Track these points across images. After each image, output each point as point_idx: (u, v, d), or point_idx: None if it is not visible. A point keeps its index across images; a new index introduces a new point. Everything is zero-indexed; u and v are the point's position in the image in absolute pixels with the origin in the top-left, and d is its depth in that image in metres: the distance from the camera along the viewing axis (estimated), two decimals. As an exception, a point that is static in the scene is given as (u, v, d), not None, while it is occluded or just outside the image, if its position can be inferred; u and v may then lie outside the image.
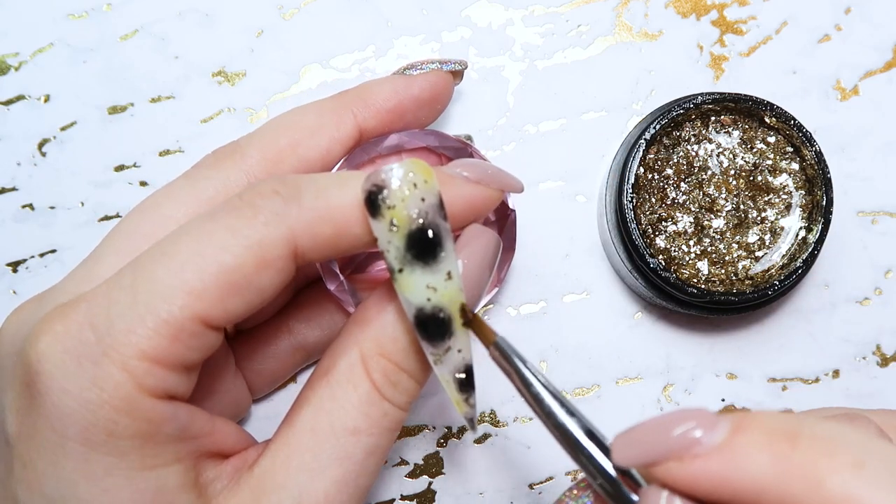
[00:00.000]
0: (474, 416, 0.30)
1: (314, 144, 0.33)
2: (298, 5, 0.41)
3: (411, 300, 0.27)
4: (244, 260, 0.26)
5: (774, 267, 0.37)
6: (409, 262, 0.27)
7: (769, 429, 0.23)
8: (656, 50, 0.41)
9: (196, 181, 0.31)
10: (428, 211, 0.27)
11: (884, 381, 0.41)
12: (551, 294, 0.41)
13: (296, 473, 0.28)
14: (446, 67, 0.36)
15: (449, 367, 0.28)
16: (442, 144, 0.36)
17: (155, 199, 0.31)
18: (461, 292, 0.28)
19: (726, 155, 0.37)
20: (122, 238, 0.31)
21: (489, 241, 0.30)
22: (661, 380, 0.40)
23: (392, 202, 0.27)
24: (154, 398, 0.26)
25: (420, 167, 0.27)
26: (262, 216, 0.27)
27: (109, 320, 0.26)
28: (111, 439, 0.26)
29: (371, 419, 0.29)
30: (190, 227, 0.27)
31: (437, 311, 0.27)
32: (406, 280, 0.27)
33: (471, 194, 0.29)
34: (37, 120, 0.41)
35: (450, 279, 0.27)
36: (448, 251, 0.27)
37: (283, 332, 0.37)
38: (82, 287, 0.29)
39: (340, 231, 0.28)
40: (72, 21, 0.41)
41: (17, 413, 0.27)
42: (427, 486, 0.40)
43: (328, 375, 0.29)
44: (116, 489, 0.27)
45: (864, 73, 0.41)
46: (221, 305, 0.26)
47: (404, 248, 0.27)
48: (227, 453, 0.30)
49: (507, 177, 0.31)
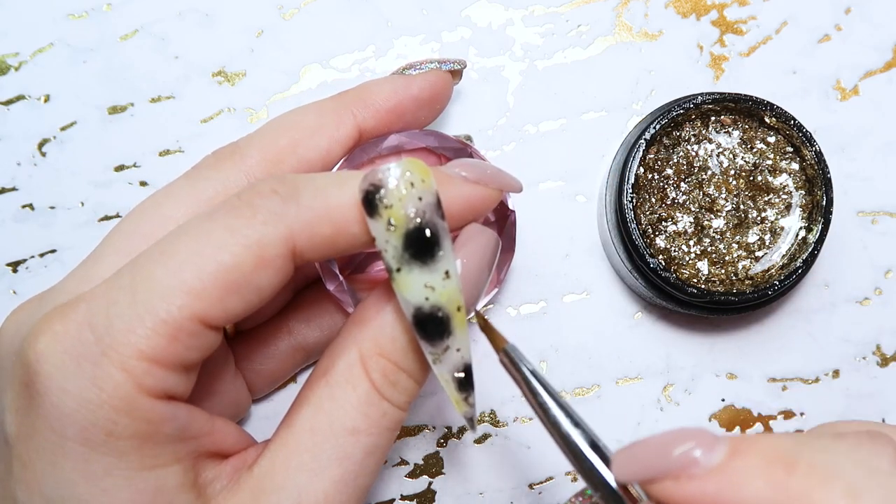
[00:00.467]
0: (474, 416, 0.30)
1: (314, 145, 0.33)
2: (298, 5, 0.41)
3: (409, 299, 0.27)
4: (243, 259, 0.26)
5: (774, 267, 0.37)
6: (407, 262, 0.27)
7: (767, 454, 0.23)
8: (656, 50, 0.41)
9: (196, 181, 0.31)
10: (425, 210, 0.27)
11: (884, 381, 0.41)
12: (551, 294, 0.41)
13: (295, 474, 0.28)
14: (445, 67, 0.36)
15: (448, 367, 0.28)
16: (441, 145, 0.36)
17: (155, 200, 0.31)
18: (459, 291, 0.28)
19: (726, 155, 0.37)
20: (121, 238, 0.31)
21: (488, 240, 0.30)
22: (661, 380, 0.40)
23: (389, 201, 0.27)
24: (153, 398, 0.26)
25: (417, 166, 0.27)
26: (260, 215, 0.27)
27: (108, 320, 0.26)
28: (110, 439, 0.26)
29: (370, 419, 0.29)
30: (188, 227, 0.27)
31: (435, 310, 0.27)
32: (404, 279, 0.27)
33: (469, 194, 0.29)
34: (37, 120, 0.41)
35: (448, 278, 0.27)
36: (446, 250, 0.27)
37: (283, 333, 0.37)
38: (82, 287, 0.29)
39: (339, 230, 0.28)
40: (72, 21, 0.41)
41: (16, 413, 0.27)
42: (427, 486, 0.40)
43: (327, 375, 0.29)
44: (116, 489, 0.27)
45: (864, 73, 0.41)
46: (220, 305, 0.26)
47: (402, 248, 0.27)
48: (226, 453, 0.30)
49: (505, 177, 0.31)
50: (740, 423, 0.40)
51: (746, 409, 0.40)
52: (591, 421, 0.40)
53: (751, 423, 0.40)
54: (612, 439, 0.40)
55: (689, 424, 0.40)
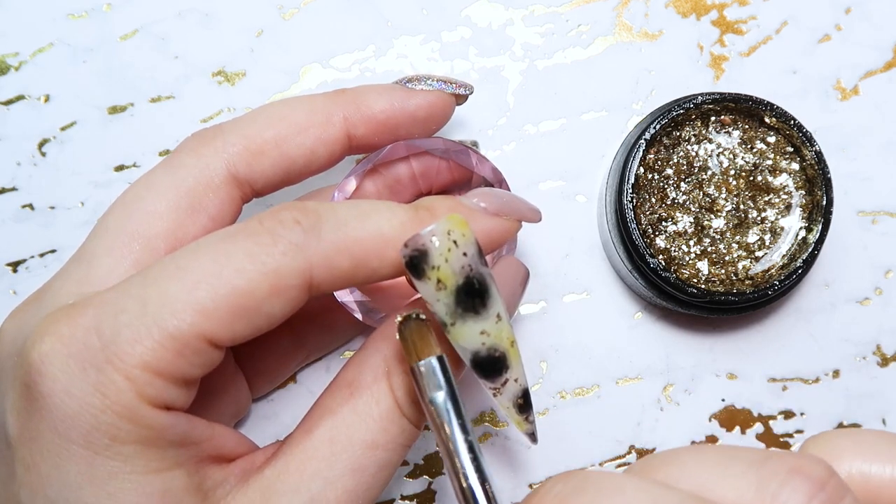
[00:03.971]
0: (535, 431, 0.31)
1: (299, 142, 0.32)
2: (298, 5, 0.41)
3: (466, 347, 0.28)
4: (258, 286, 0.26)
5: (774, 267, 0.37)
6: (461, 316, 0.27)
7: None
8: (656, 50, 0.41)
9: (175, 170, 0.31)
10: (471, 264, 0.27)
11: (884, 381, 0.41)
12: (551, 294, 0.41)
13: (310, 480, 0.28)
14: (450, 89, 0.35)
15: (508, 397, 0.29)
16: (446, 149, 0.35)
17: (136, 192, 0.31)
18: (511, 326, 0.28)
19: (726, 155, 0.37)
20: (110, 237, 0.30)
21: (519, 276, 0.32)
22: (661, 380, 0.40)
23: (436, 262, 0.27)
24: (153, 408, 0.26)
25: (457, 222, 0.27)
26: (281, 245, 0.27)
27: (116, 328, 0.26)
28: (114, 444, 0.26)
29: (389, 435, 0.29)
30: (207, 246, 0.27)
31: (492, 351, 0.28)
32: (459, 331, 0.28)
33: (491, 228, 0.30)
34: (37, 120, 0.41)
35: (500, 320, 0.28)
36: (494, 295, 0.28)
37: (284, 331, 0.37)
38: (83, 289, 0.29)
39: (358, 264, 0.28)
40: (72, 21, 0.41)
41: (18, 415, 0.27)
42: (427, 486, 0.40)
43: (351, 387, 0.30)
44: (122, 493, 0.26)
45: (864, 73, 0.41)
46: (229, 327, 0.26)
47: (454, 305, 0.27)
48: (228, 457, 0.30)
49: (524, 207, 0.31)
50: (740, 424, 0.40)
51: (746, 409, 0.40)
52: (591, 421, 0.40)
53: (751, 423, 0.40)
54: (611, 439, 0.40)
55: (689, 424, 0.40)
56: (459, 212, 0.29)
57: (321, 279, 0.27)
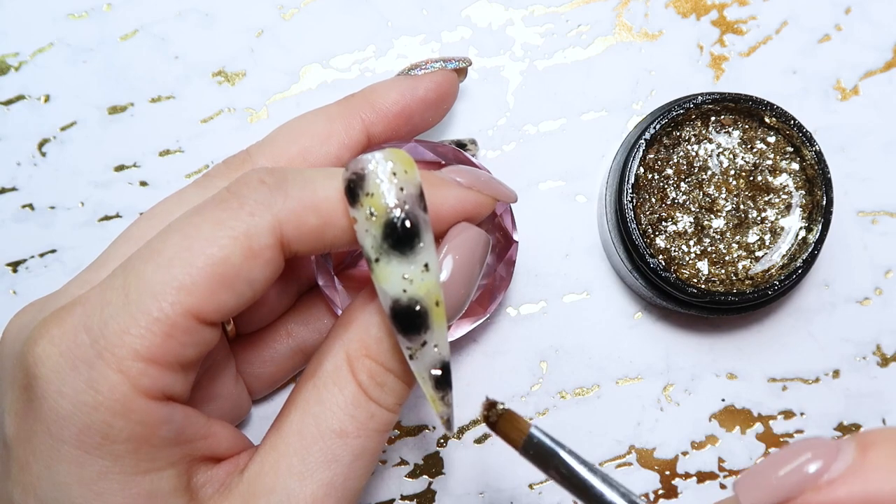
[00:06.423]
0: (451, 416, 0.29)
1: (324, 151, 0.33)
2: (298, 5, 0.41)
3: (387, 290, 0.27)
4: (231, 251, 0.26)
5: (774, 267, 0.37)
6: (386, 252, 0.27)
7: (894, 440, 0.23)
8: (656, 50, 0.41)
9: (207, 190, 0.31)
10: (406, 201, 0.27)
11: (884, 381, 0.41)
12: (551, 294, 0.41)
13: (284, 477, 0.28)
14: (450, 66, 0.36)
15: (424, 363, 0.28)
16: (434, 151, 0.35)
17: (166, 207, 0.31)
18: (439, 286, 0.27)
19: (726, 155, 0.37)
20: (127, 245, 0.31)
21: (477, 236, 0.29)
22: (661, 380, 0.40)
23: (370, 190, 0.26)
24: (150, 399, 0.26)
25: (400, 157, 0.27)
26: (247, 206, 0.27)
27: (103, 322, 0.26)
28: (105, 443, 0.26)
29: (358, 421, 0.29)
30: (178, 223, 0.27)
31: (413, 303, 0.27)
32: (382, 270, 0.27)
33: (463, 198, 0.29)
34: (37, 120, 0.41)
35: (427, 271, 0.27)
36: (426, 243, 0.27)
37: (282, 335, 0.37)
38: (83, 292, 0.29)
39: (326, 222, 0.28)
40: (72, 21, 0.41)
41: (15, 415, 0.27)
42: (427, 486, 0.40)
43: (314, 378, 0.29)
44: (109, 493, 0.27)
45: (864, 73, 0.41)
46: (213, 299, 0.26)
47: (381, 238, 0.27)
48: (221, 457, 0.30)
49: (499, 185, 0.31)
50: (740, 423, 0.40)
51: (746, 409, 0.40)
52: (591, 421, 0.40)
53: (751, 423, 0.40)
54: (612, 439, 0.40)
55: (689, 424, 0.40)
56: (432, 181, 0.28)
57: (292, 237, 0.27)
